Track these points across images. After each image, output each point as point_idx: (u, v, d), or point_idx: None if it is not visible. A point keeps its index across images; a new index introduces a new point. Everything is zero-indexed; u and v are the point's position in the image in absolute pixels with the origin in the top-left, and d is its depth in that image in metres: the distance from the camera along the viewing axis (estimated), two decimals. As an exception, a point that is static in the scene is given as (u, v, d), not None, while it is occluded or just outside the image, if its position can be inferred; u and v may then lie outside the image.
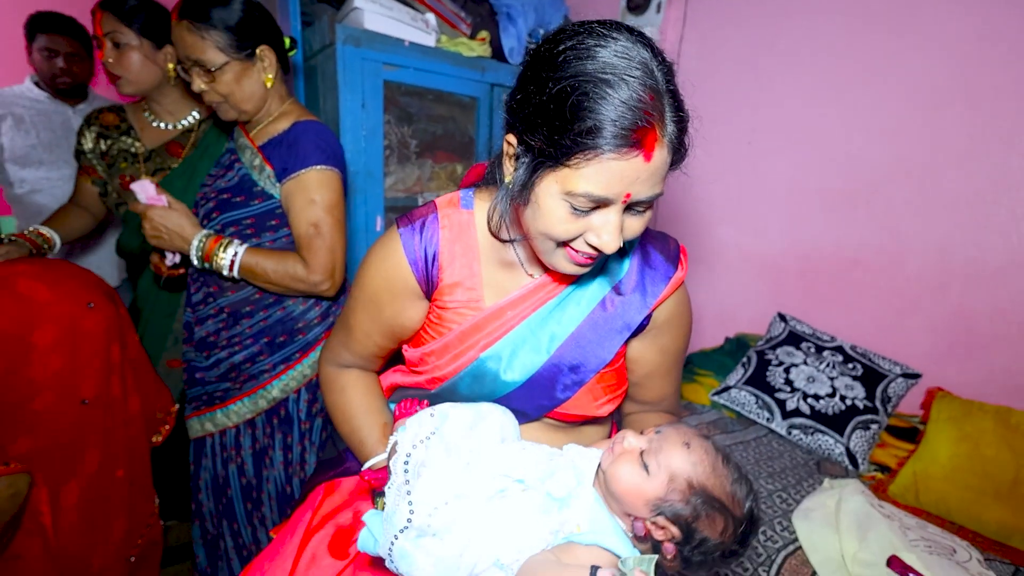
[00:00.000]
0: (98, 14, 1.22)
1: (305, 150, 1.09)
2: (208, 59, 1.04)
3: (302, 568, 0.76)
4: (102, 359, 1.33)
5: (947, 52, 1.48)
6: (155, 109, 1.38)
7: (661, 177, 0.57)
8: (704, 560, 0.60)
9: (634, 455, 0.63)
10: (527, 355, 0.72)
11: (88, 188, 1.42)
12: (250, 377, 1.19)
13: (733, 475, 0.61)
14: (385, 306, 0.76)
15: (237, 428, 1.22)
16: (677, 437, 0.63)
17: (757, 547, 1.07)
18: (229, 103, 1.10)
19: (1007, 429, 1.26)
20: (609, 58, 0.53)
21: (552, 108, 0.54)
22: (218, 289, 1.18)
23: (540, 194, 0.59)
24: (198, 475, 1.27)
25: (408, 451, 0.63)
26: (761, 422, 1.58)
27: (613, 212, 0.58)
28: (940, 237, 1.52)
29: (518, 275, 0.75)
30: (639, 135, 0.52)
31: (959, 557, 1.03)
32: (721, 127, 1.99)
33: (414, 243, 0.73)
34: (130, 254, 1.46)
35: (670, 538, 0.60)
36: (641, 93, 0.52)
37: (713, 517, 0.59)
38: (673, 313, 0.77)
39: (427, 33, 1.75)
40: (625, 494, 0.61)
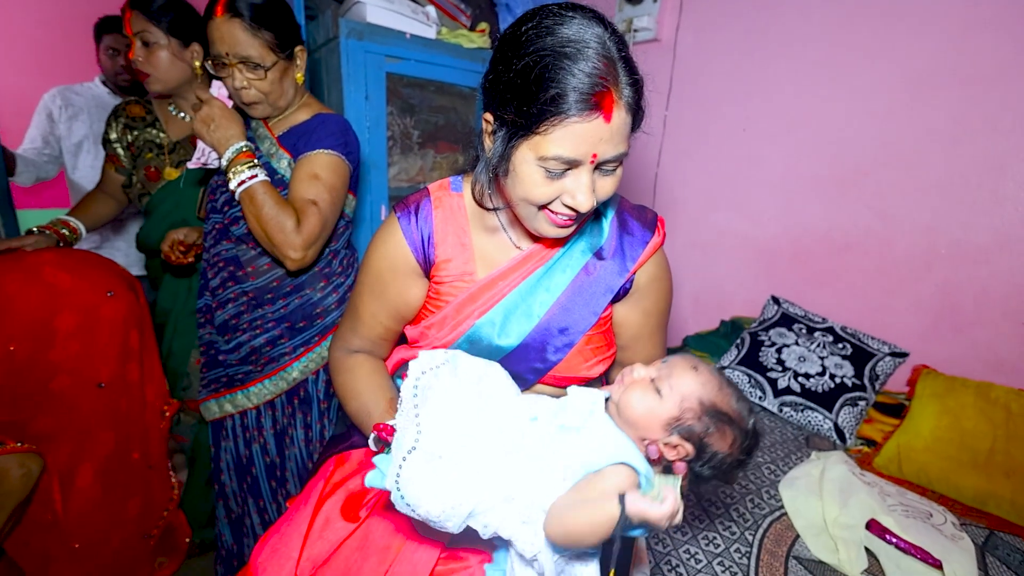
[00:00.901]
0: (127, 14, 1.26)
1: (319, 135, 1.14)
2: (260, 57, 1.08)
3: (316, 531, 0.83)
4: (120, 345, 1.39)
5: (933, 41, 1.51)
6: (180, 104, 1.43)
7: (624, 136, 0.64)
8: (713, 474, 0.66)
9: (645, 382, 0.67)
10: (519, 320, 0.78)
11: (112, 175, 1.48)
12: (271, 360, 1.23)
13: (736, 394, 0.67)
14: (389, 286, 0.82)
15: (258, 409, 1.26)
16: (684, 363, 0.68)
17: (745, 513, 1.13)
18: (268, 100, 1.14)
19: (987, 403, 1.32)
20: (566, 33, 0.60)
21: (519, 83, 0.61)
22: (243, 273, 1.20)
23: (517, 162, 0.65)
24: (219, 456, 1.31)
25: (417, 376, 0.67)
26: (754, 400, 1.64)
27: (584, 173, 0.64)
28: (927, 219, 1.57)
29: (505, 245, 0.82)
30: (598, 98, 0.59)
31: (935, 520, 1.10)
32: (717, 115, 2.03)
33: (411, 226, 0.80)
34: (150, 248, 1.49)
35: (683, 456, 0.65)
36: (597, 62, 0.59)
37: (723, 431, 0.64)
38: (653, 276, 0.83)
39: (428, 26, 1.80)
40: (640, 418, 0.65)
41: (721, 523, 1.10)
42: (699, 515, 1.11)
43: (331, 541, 0.79)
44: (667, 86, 2.15)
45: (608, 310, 0.82)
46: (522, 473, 0.63)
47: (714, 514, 1.12)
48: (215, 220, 1.25)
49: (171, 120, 1.46)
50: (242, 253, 1.20)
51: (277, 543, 0.82)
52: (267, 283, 1.21)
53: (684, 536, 1.05)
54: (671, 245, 2.17)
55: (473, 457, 0.62)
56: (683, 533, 1.06)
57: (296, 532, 0.82)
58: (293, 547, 0.80)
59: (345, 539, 0.79)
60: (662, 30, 2.14)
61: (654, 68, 2.19)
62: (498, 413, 0.67)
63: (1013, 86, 1.39)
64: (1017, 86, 1.39)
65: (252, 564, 0.81)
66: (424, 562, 0.75)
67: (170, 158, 1.44)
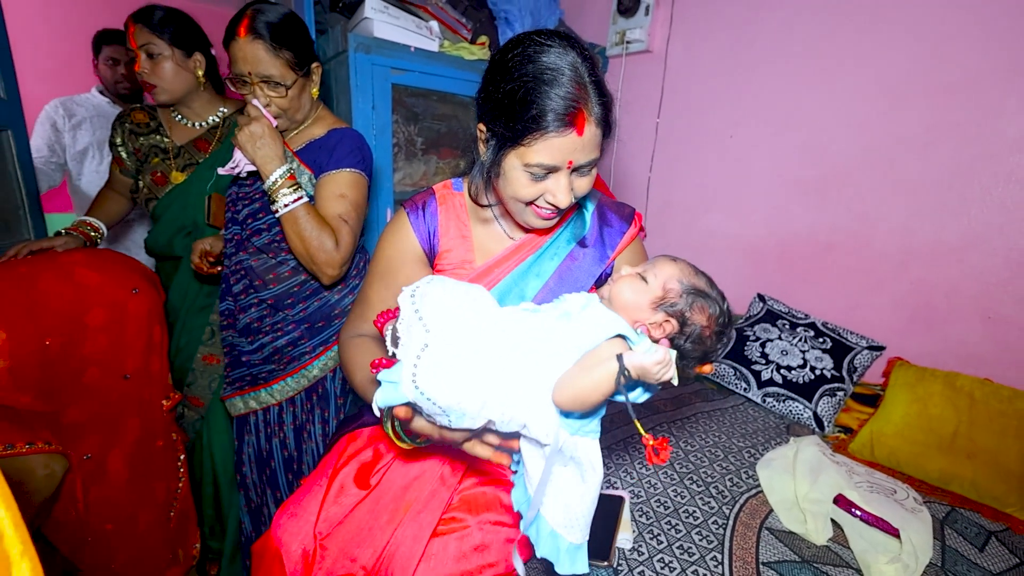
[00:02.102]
0: (131, 27, 1.31)
1: (341, 154, 1.22)
2: (280, 76, 1.15)
3: (331, 496, 0.92)
4: (144, 339, 1.49)
5: (907, 54, 1.61)
6: (183, 111, 1.47)
7: (595, 145, 0.76)
8: (694, 348, 0.74)
9: (632, 275, 0.76)
10: (513, 302, 0.89)
11: (118, 176, 1.52)
12: (292, 359, 1.30)
13: (709, 280, 0.77)
14: (398, 272, 0.93)
15: (280, 405, 1.32)
16: (665, 257, 0.78)
17: (723, 491, 1.22)
18: (287, 116, 1.21)
19: (953, 391, 1.41)
20: (545, 62, 0.71)
21: (507, 103, 0.73)
22: (261, 283, 1.27)
23: (506, 167, 0.77)
24: (242, 449, 1.38)
25: (411, 292, 0.72)
26: (739, 391, 1.74)
27: (562, 176, 0.76)
28: (902, 220, 1.66)
29: (500, 237, 0.93)
30: (571, 117, 0.71)
31: (898, 496, 1.19)
32: (706, 122, 2.13)
33: (419, 220, 0.92)
34: (158, 254, 1.55)
35: (670, 332, 0.74)
36: (570, 87, 0.71)
37: (702, 306, 0.73)
38: (631, 262, 0.93)
39: (431, 39, 1.91)
40: (630, 302, 0.74)
41: (701, 499, 1.19)
42: (681, 492, 1.21)
43: (345, 505, 0.89)
44: (658, 95, 2.25)
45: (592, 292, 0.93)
46: (528, 357, 0.70)
47: (695, 491, 1.21)
48: (235, 231, 1.31)
49: (175, 126, 1.49)
50: (261, 263, 1.27)
51: (296, 509, 0.91)
52: (288, 289, 1.28)
53: (666, 510, 1.14)
54: (664, 246, 2.29)
55: (482, 344, 0.68)
56: (665, 508, 1.15)
57: (314, 499, 0.92)
58: (311, 511, 0.90)
59: (358, 503, 0.89)
60: (653, 42, 2.25)
61: (646, 78, 2.32)
62: (496, 309, 0.74)
63: (980, 96, 1.49)
64: (984, 96, 1.48)
65: (273, 528, 0.91)
66: (427, 522, 0.85)
67: (175, 163, 1.47)
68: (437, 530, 0.85)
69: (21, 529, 0.39)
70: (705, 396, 1.74)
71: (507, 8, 2.18)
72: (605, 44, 2.40)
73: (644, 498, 1.18)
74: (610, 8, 2.34)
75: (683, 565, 0.99)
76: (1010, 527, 1.17)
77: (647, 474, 1.27)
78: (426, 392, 0.64)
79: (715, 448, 1.40)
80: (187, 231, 1.47)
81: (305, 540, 0.87)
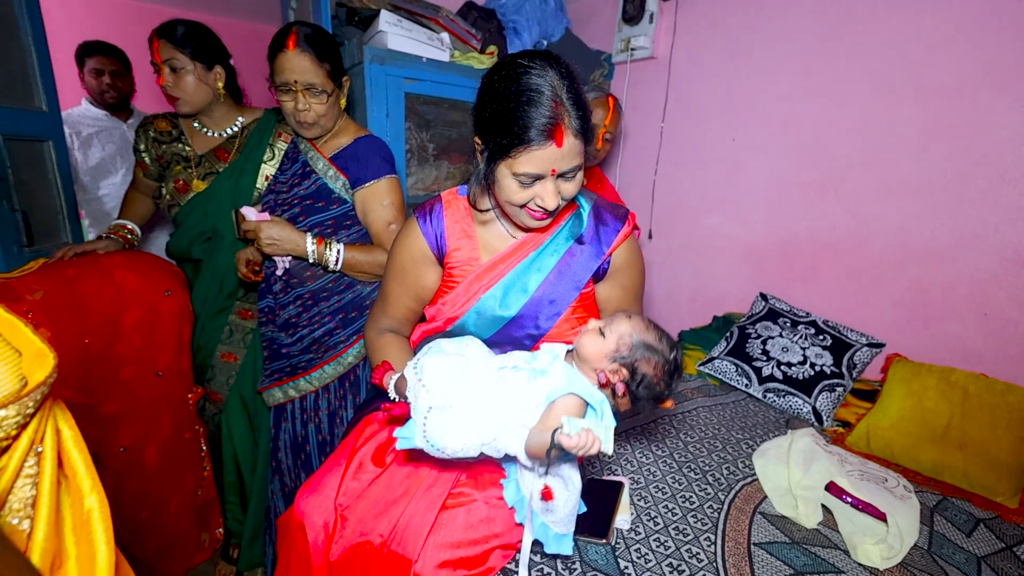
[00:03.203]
0: (155, 42, 1.37)
1: (374, 162, 1.36)
2: (322, 84, 1.28)
3: (350, 473, 1.01)
4: (175, 338, 1.58)
5: (902, 59, 1.66)
6: (204, 121, 1.53)
7: (576, 153, 0.84)
8: (645, 394, 0.87)
9: (594, 330, 0.88)
10: (516, 294, 0.97)
11: (142, 179, 1.59)
12: (329, 348, 1.41)
13: (659, 333, 0.90)
14: (410, 272, 1.02)
15: (316, 393, 1.43)
16: (622, 314, 0.90)
17: (720, 479, 1.28)
18: (320, 122, 1.33)
19: (947, 385, 1.45)
20: (526, 82, 0.80)
21: (494, 121, 0.82)
22: (299, 282, 1.39)
23: (499, 176, 0.86)
24: (278, 436, 1.47)
25: (414, 363, 0.88)
26: (740, 387, 1.79)
27: (548, 182, 0.85)
28: (898, 220, 1.71)
29: (503, 236, 1.01)
30: (550, 131, 0.80)
31: (889, 484, 1.23)
32: (708, 126, 2.19)
33: (427, 224, 1.01)
34: (178, 257, 1.62)
35: (622, 378, 0.85)
36: (548, 105, 0.80)
37: (648, 358, 0.86)
38: (627, 259, 1.03)
39: (442, 50, 2.00)
40: (590, 354, 0.87)
41: (698, 486, 1.25)
42: (679, 479, 1.27)
43: (364, 481, 0.97)
44: (663, 100, 2.32)
45: (589, 286, 1.01)
46: (510, 408, 0.83)
47: (692, 479, 1.27)
48: None
49: (196, 135, 1.54)
50: (298, 264, 1.39)
51: (317, 485, 1.00)
52: (324, 284, 1.40)
53: (664, 495, 1.20)
54: (669, 246, 2.35)
55: (473, 402, 0.83)
56: (663, 493, 1.21)
57: (334, 476, 1.00)
58: (331, 487, 0.98)
59: (375, 479, 0.97)
60: (658, 49, 2.31)
61: (650, 83, 2.39)
62: (483, 368, 0.88)
63: (973, 99, 1.53)
64: (977, 99, 1.53)
65: (296, 503, 0.99)
66: (437, 496, 0.93)
67: (196, 171, 1.52)
68: (446, 503, 0.93)
69: (90, 469, 0.47)
70: (707, 392, 1.79)
71: (515, 18, 2.27)
72: (611, 51, 2.47)
73: (643, 484, 1.24)
74: (615, 17, 2.41)
75: (678, 544, 1.05)
76: (1000, 515, 1.21)
77: (647, 462, 1.33)
78: (435, 444, 0.82)
79: (714, 440, 1.46)
80: (206, 236, 1.55)
81: (326, 513, 0.95)
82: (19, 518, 0.39)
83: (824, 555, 1.04)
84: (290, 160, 1.46)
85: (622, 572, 0.97)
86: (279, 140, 1.54)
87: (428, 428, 0.82)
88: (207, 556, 1.71)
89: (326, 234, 1.38)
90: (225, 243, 1.52)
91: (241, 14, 3.70)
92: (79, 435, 0.47)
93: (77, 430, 0.47)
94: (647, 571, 0.97)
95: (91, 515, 0.45)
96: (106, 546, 0.44)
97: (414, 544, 0.87)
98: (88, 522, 0.45)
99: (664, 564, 0.99)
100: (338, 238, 1.38)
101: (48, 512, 0.41)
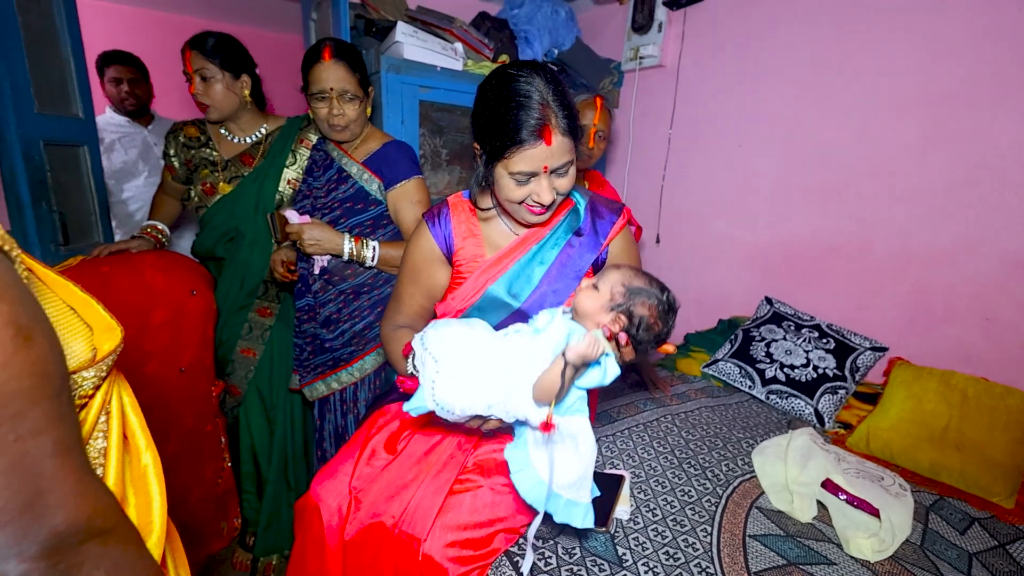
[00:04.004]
0: (187, 53, 1.45)
1: (404, 164, 1.49)
2: (355, 91, 1.40)
3: (364, 460, 1.07)
4: (199, 336, 1.65)
5: (904, 66, 1.69)
6: (231, 127, 1.61)
7: (566, 150, 0.91)
8: (646, 334, 0.92)
9: (588, 286, 0.94)
10: (521, 285, 1.03)
11: (170, 182, 1.68)
12: (369, 340, 1.52)
13: (649, 278, 0.95)
14: (422, 271, 1.08)
15: (355, 384, 1.53)
16: (611, 267, 0.96)
17: (719, 475, 1.32)
18: (351, 127, 1.45)
19: (947, 388, 1.47)
20: (515, 88, 0.87)
21: (488, 127, 0.90)
22: (340, 278, 1.49)
23: (497, 176, 0.92)
24: (323, 427, 1.57)
25: (420, 336, 0.93)
26: (744, 389, 1.82)
27: (543, 179, 0.91)
28: (901, 225, 1.73)
29: (505, 233, 1.08)
30: (539, 132, 0.87)
31: (885, 483, 1.26)
32: (715, 132, 2.23)
33: (436, 227, 1.08)
34: (203, 256, 1.70)
35: (622, 326, 0.90)
36: (536, 108, 0.87)
37: (642, 300, 0.91)
38: (623, 248, 1.10)
39: (455, 59, 2.07)
40: (588, 308, 0.92)
41: (697, 481, 1.29)
42: (679, 474, 1.31)
43: (376, 467, 1.04)
44: (671, 107, 2.37)
45: (589, 275, 1.07)
46: (516, 366, 0.88)
47: (692, 474, 1.31)
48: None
49: (223, 141, 1.62)
50: (334, 264, 1.49)
51: (333, 472, 1.06)
52: (364, 280, 1.51)
53: (663, 489, 1.25)
54: (676, 250, 2.39)
55: (479, 362, 0.88)
56: (663, 487, 1.25)
57: (348, 462, 1.07)
58: (346, 472, 1.04)
59: (387, 465, 1.03)
60: (666, 57, 2.36)
61: (659, 91, 2.44)
62: (487, 334, 0.93)
63: (974, 106, 1.56)
64: (978, 106, 1.55)
65: (312, 487, 1.05)
66: (445, 481, 0.99)
67: (223, 175, 1.60)
68: (453, 489, 0.98)
69: (145, 431, 0.54)
70: (711, 393, 1.83)
71: (527, 28, 2.34)
72: (620, 59, 2.53)
73: (644, 478, 1.29)
74: (625, 26, 2.47)
75: (675, 534, 1.10)
76: (995, 515, 1.23)
77: (648, 458, 1.37)
78: (444, 405, 0.87)
79: (715, 438, 1.50)
80: (230, 237, 1.62)
81: (340, 497, 1.01)
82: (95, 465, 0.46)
83: (817, 548, 1.08)
84: (322, 167, 1.54)
85: (620, 558, 1.01)
86: (300, 146, 1.62)
87: (436, 392, 0.87)
88: (225, 543, 1.79)
89: (365, 233, 1.48)
90: (246, 243, 1.60)
91: (264, 24, 3.84)
92: (135, 401, 0.54)
93: (134, 397, 0.54)
94: (644, 558, 1.02)
95: (147, 469, 0.51)
96: (160, 496, 0.51)
97: (423, 525, 0.93)
98: (144, 475, 0.51)
99: (660, 552, 1.04)
100: (375, 237, 1.49)
101: (116, 462, 0.48)
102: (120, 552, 0.42)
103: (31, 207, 1.59)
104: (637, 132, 2.55)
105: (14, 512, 0.35)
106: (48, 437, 0.37)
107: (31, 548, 0.36)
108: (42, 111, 1.62)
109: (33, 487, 0.35)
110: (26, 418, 0.35)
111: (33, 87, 1.59)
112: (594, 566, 0.99)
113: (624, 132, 2.61)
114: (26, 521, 0.35)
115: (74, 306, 0.48)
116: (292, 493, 1.70)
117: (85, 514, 0.39)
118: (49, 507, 0.36)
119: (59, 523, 0.37)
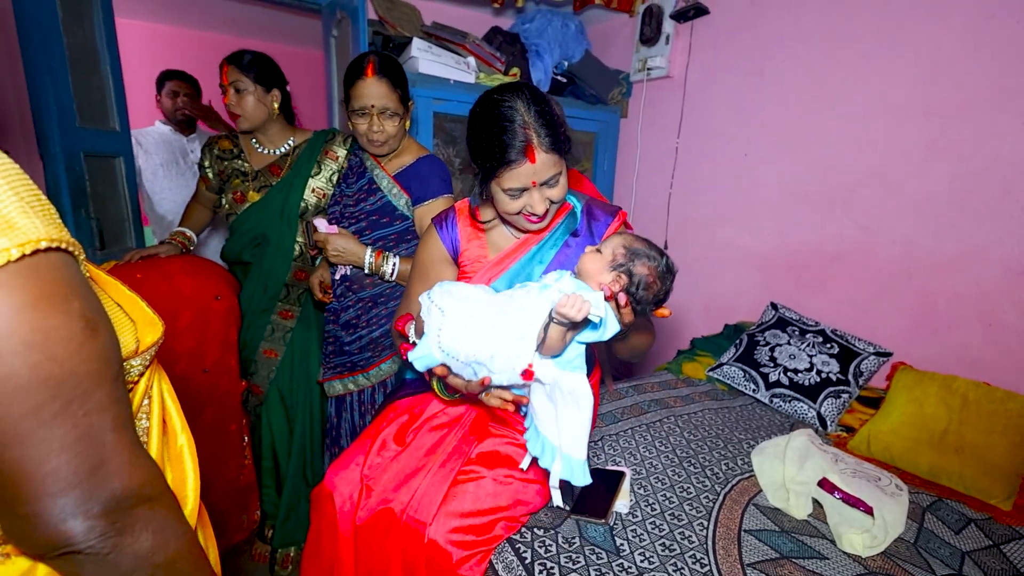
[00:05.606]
0: (225, 67, 1.56)
1: (434, 183, 1.51)
2: (396, 108, 1.43)
3: (375, 450, 1.14)
4: (222, 338, 1.73)
5: (907, 77, 1.72)
6: (260, 139, 1.69)
7: (551, 164, 0.98)
8: (646, 293, 0.97)
9: (592, 250, 1.00)
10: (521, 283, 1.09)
11: (204, 192, 1.78)
12: (385, 348, 1.58)
13: (648, 243, 1.00)
14: (431, 271, 1.16)
15: (373, 387, 1.60)
16: (615, 234, 1.02)
17: (719, 473, 1.36)
18: (389, 143, 1.47)
19: (948, 392, 1.49)
20: (499, 114, 0.95)
21: (480, 149, 0.98)
22: (359, 287, 1.55)
23: (493, 192, 1.00)
24: (339, 425, 1.63)
25: (428, 293, 0.98)
26: (748, 392, 1.85)
27: (534, 192, 0.99)
28: (905, 232, 1.76)
29: (506, 236, 1.15)
30: (523, 152, 0.94)
31: (882, 483, 1.29)
32: (721, 142, 2.28)
33: (444, 230, 1.17)
34: (231, 260, 1.78)
35: (623, 285, 0.95)
36: (519, 130, 0.94)
37: (643, 261, 0.97)
38: None
39: (468, 73, 2.15)
40: (591, 269, 0.97)
41: (697, 479, 1.33)
42: (679, 472, 1.35)
43: (386, 457, 1.10)
44: (678, 117, 2.42)
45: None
46: (519, 317, 0.90)
47: (692, 472, 1.35)
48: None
49: (253, 153, 1.71)
50: (354, 273, 1.55)
51: (346, 462, 1.13)
52: (382, 290, 1.56)
53: (663, 485, 1.29)
54: (683, 257, 2.43)
55: (483, 313, 0.93)
56: (662, 483, 1.30)
57: (360, 452, 1.14)
58: (358, 461, 1.12)
59: (396, 455, 1.10)
60: (673, 68, 2.42)
61: (666, 101, 2.50)
62: (491, 292, 0.99)
63: (976, 116, 1.59)
64: (979, 116, 1.58)
65: (327, 476, 1.12)
66: (450, 471, 1.05)
67: (252, 184, 1.68)
68: (457, 479, 1.04)
69: (181, 416, 0.62)
70: (715, 395, 1.86)
71: (538, 42, 2.42)
72: (629, 71, 2.59)
73: (644, 475, 1.33)
74: (633, 39, 2.53)
75: (672, 528, 1.14)
76: (993, 517, 1.25)
77: (649, 456, 1.42)
78: (449, 351, 0.90)
79: (716, 439, 1.54)
80: (256, 242, 1.71)
81: (352, 485, 1.08)
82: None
83: (810, 543, 1.11)
84: (356, 175, 1.60)
85: (618, 548, 1.06)
86: (326, 158, 1.71)
87: (442, 338, 0.90)
88: (245, 536, 1.87)
89: (388, 247, 1.53)
90: (271, 248, 1.69)
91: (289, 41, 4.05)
92: (172, 389, 0.61)
93: (171, 385, 0.61)
94: (640, 548, 1.07)
95: (183, 449, 0.59)
96: (194, 474, 0.58)
97: (428, 511, 0.99)
98: (180, 455, 0.59)
99: (657, 544, 1.09)
100: (397, 251, 1.53)
101: (157, 441, 0.55)
102: (164, 516, 0.49)
103: (72, 214, 1.71)
104: (645, 141, 2.61)
105: (83, 475, 0.41)
106: (109, 414, 0.44)
107: (95, 508, 0.42)
108: (83, 125, 1.75)
109: (97, 456, 0.42)
110: (93, 397, 0.42)
111: (75, 102, 1.71)
112: (592, 554, 1.04)
113: (632, 141, 2.67)
114: (92, 484, 0.42)
115: (121, 303, 0.55)
116: (309, 488, 1.77)
117: (137, 482, 0.45)
118: (110, 474, 0.43)
119: (117, 488, 0.43)
